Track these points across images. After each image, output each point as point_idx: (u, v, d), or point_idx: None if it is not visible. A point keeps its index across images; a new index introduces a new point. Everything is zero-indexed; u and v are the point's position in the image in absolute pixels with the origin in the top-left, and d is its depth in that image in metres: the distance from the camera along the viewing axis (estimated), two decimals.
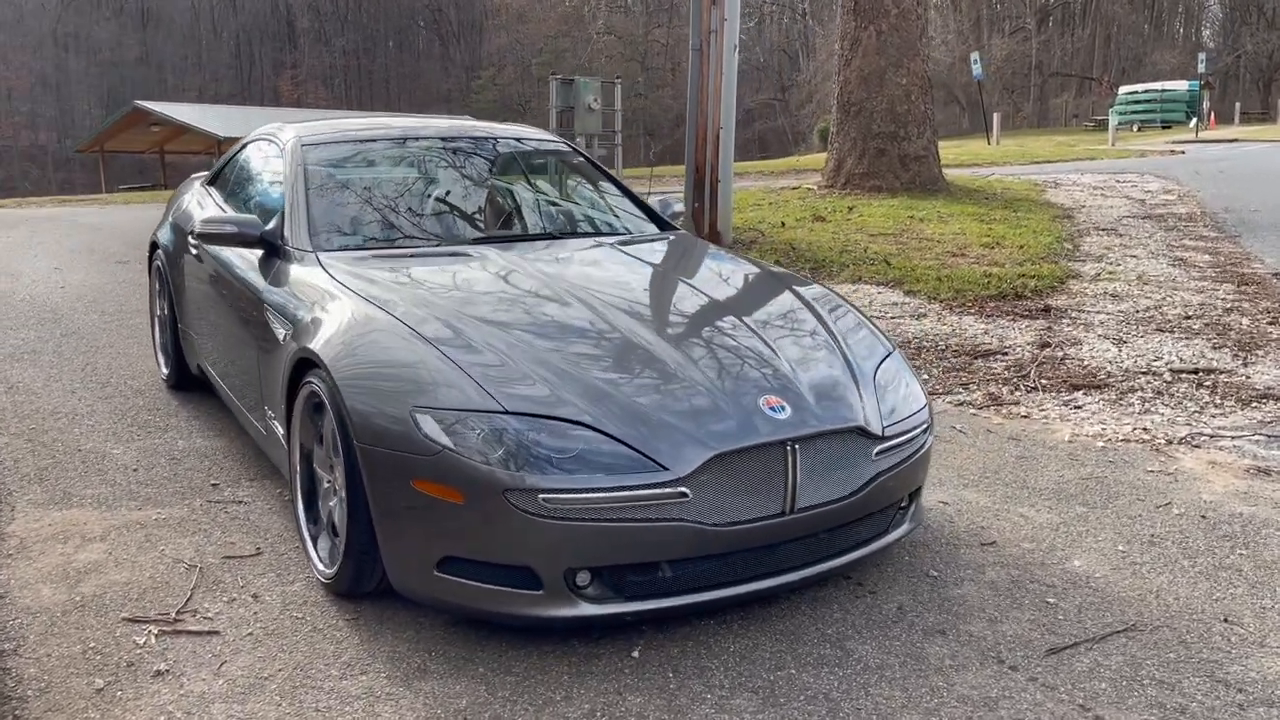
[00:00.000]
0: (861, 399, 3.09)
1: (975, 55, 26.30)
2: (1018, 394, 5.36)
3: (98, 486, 4.09)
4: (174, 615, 3.09)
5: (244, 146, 4.95)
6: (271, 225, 3.98)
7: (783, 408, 2.92)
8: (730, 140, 9.45)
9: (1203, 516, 3.81)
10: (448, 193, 4.32)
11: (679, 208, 4.82)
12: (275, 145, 4.49)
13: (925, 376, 5.68)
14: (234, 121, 32.43)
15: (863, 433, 3.01)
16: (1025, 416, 5.02)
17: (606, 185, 4.74)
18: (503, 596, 2.75)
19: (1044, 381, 5.54)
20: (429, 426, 2.77)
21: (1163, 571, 3.37)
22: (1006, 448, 4.57)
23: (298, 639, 2.96)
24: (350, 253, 3.78)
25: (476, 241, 3.97)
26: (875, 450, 3.03)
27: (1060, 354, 6.06)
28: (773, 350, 3.20)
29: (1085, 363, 5.88)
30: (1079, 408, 5.14)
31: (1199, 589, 3.25)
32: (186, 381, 5.16)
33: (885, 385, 3.26)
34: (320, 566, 3.23)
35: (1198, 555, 3.49)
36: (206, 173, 5.58)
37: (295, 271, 3.69)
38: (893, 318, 7.01)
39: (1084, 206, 12.54)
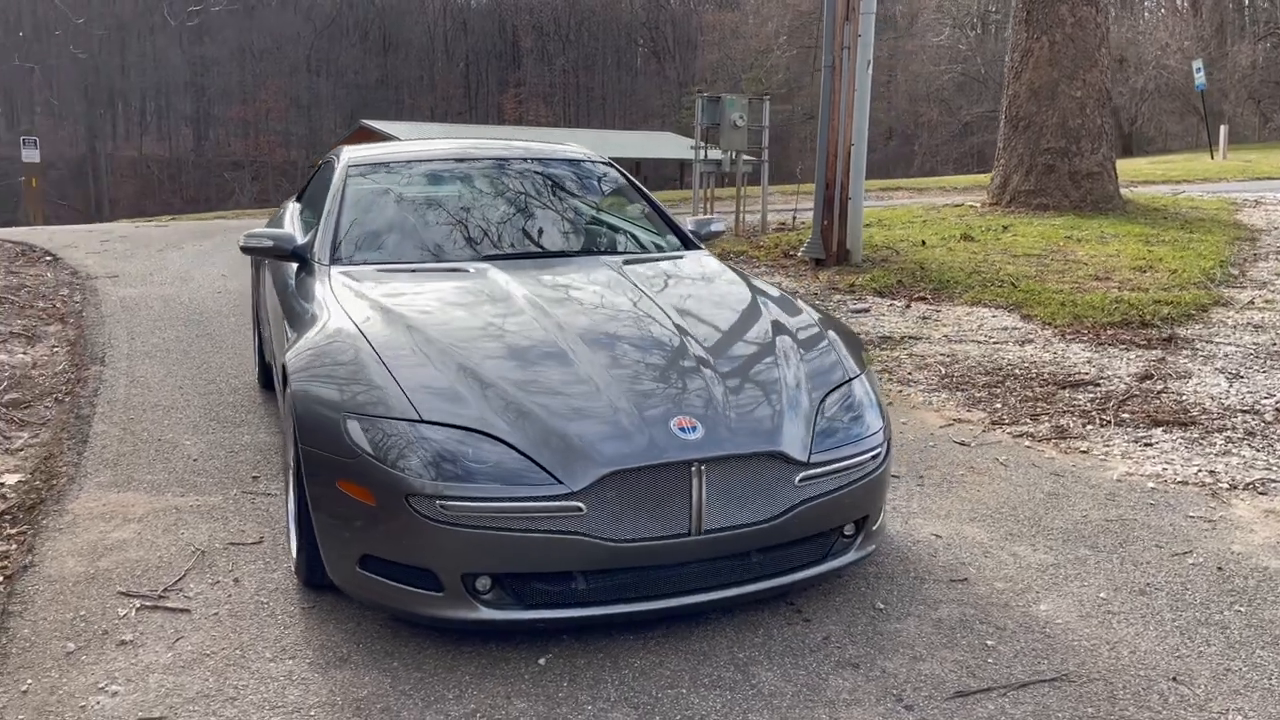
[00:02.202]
0: (788, 424, 3.05)
1: (1197, 64, 24.41)
2: (1089, 428, 5.05)
3: (158, 473, 4.53)
4: (160, 592, 3.41)
5: (319, 166, 5.34)
6: (305, 239, 4.30)
7: (694, 429, 2.93)
8: (862, 157, 9.28)
9: (1219, 568, 3.51)
10: (470, 213, 4.52)
11: (718, 227, 4.84)
12: (334, 166, 4.83)
13: (997, 405, 5.44)
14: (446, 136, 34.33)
15: (783, 458, 2.98)
16: (1084, 452, 4.73)
17: (641, 204, 4.82)
18: (409, 596, 2.90)
19: (1124, 416, 5.19)
20: (354, 431, 2.96)
21: (1135, 623, 3.14)
22: (1041, 483, 4.33)
23: (253, 622, 3.21)
24: (360, 267, 4.04)
25: (486, 259, 4.14)
26: (799, 476, 2.99)
27: (1159, 387, 5.65)
28: (708, 373, 3.20)
29: (1183, 398, 5.46)
30: (1150, 445, 4.79)
31: (1166, 644, 3.01)
32: (272, 381, 5.59)
33: (832, 412, 3.20)
34: (295, 556, 3.48)
35: (1186, 609, 3.23)
36: None
37: (311, 283, 3.98)
38: (995, 343, 6.72)
39: (1277, 228, 11.51)
